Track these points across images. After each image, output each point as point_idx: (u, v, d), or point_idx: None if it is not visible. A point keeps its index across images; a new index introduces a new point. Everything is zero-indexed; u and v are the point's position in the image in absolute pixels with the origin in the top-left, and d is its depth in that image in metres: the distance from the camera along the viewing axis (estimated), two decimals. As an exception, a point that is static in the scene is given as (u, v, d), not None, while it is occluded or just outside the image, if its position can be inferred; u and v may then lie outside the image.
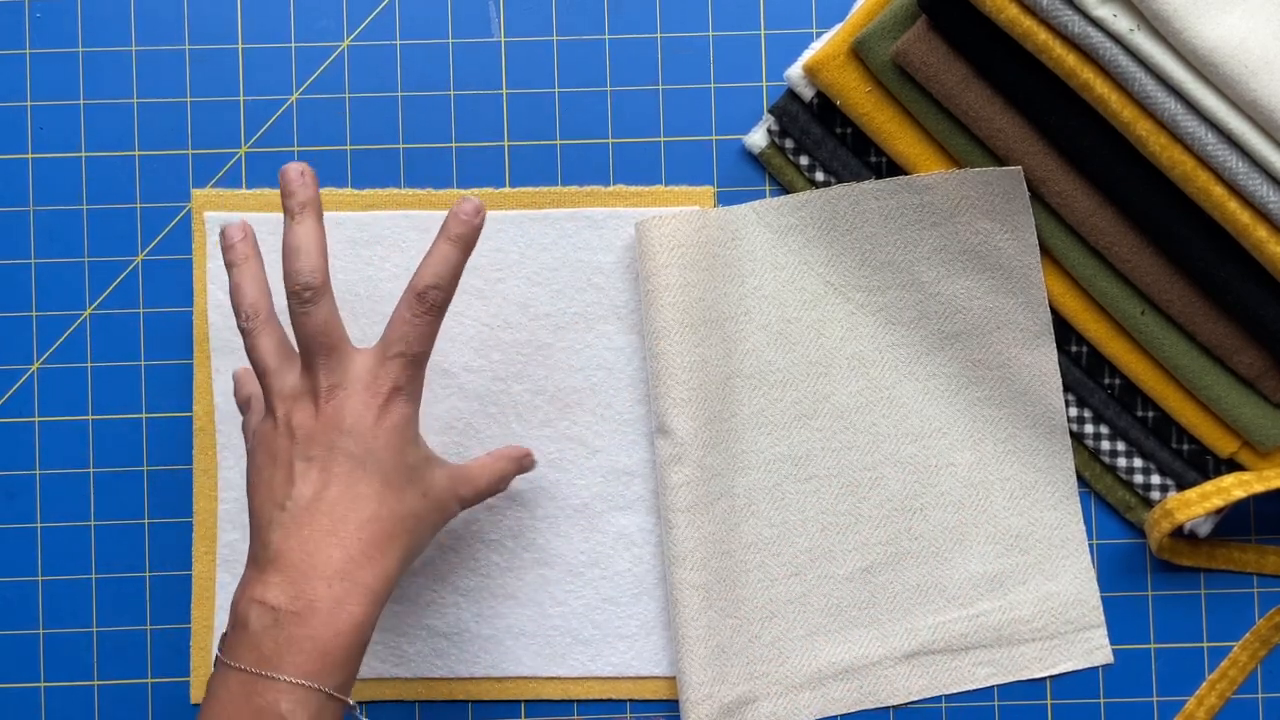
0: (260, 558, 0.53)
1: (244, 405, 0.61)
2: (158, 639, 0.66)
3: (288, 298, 0.54)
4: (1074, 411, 0.65)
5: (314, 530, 0.53)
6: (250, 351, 0.56)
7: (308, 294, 0.54)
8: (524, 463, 0.62)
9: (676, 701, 0.65)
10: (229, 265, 0.57)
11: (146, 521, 0.66)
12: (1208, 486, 0.62)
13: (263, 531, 0.53)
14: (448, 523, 0.58)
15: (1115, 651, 0.66)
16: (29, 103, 0.66)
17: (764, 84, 0.66)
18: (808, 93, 0.64)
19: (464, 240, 0.55)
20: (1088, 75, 0.57)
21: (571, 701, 0.66)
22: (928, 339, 0.65)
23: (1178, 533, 0.65)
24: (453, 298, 0.56)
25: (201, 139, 0.66)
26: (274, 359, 0.55)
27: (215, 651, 0.54)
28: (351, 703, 0.53)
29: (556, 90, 0.66)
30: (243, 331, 0.56)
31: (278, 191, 0.65)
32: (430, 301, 0.55)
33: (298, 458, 0.54)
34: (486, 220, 0.65)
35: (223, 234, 0.57)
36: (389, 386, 0.54)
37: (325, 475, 0.53)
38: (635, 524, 0.65)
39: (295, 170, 0.55)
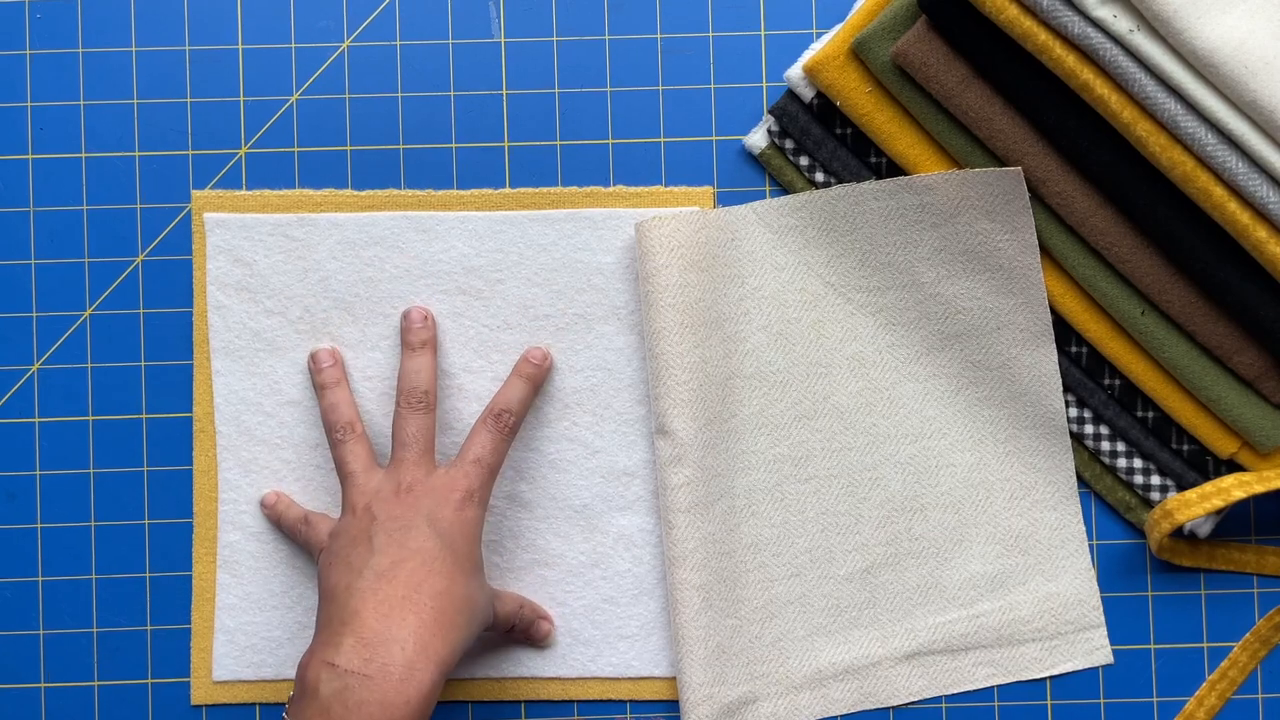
0: (333, 619, 0.54)
1: (298, 524, 0.63)
2: (158, 639, 0.66)
3: (401, 404, 0.61)
4: (1074, 412, 0.65)
5: (390, 595, 0.54)
6: (342, 456, 0.61)
7: (420, 404, 0.61)
8: (540, 627, 0.64)
9: (677, 702, 0.65)
10: (321, 387, 0.64)
11: (146, 521, 0.66)
12: (1208, 487, 0.62)
13: (338, 596, 0.55)
14: (479, 633, 0.59)
15: (1115, 652, 0.66)
16: (29, 103, 0.66)
17: (764, 84, 0.66)
18: (808, 93, 0.64)
19: (533, 380, 0.63)
20: (1087, 76, 0.57)
21: (571, 702, 0.66)
22: (928, 339, 0.65)
23: (1178, 533, 0.65)
24: (522, 422, 0.63)
25: (201, 139, 0.66)
26: (362, 464, 0.61)
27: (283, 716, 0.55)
28: None
29: (556, 90, 0.66)
30: (335, 442, 0.62)
31: (278, 192, 0.66)
32: (504, 423, 0.62)
33: (377, 533, 0.57)
34: (487, 221, 0.65)
35: (314, 357, 0.64)
36: (464, 487, 0.59)
37: (403, 549, 0.56)
38: (635, 524, 0.66)
39: (419, 315, 0.64)
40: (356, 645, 0.53)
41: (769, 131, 0.65)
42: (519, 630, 0.63)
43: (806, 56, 0.64)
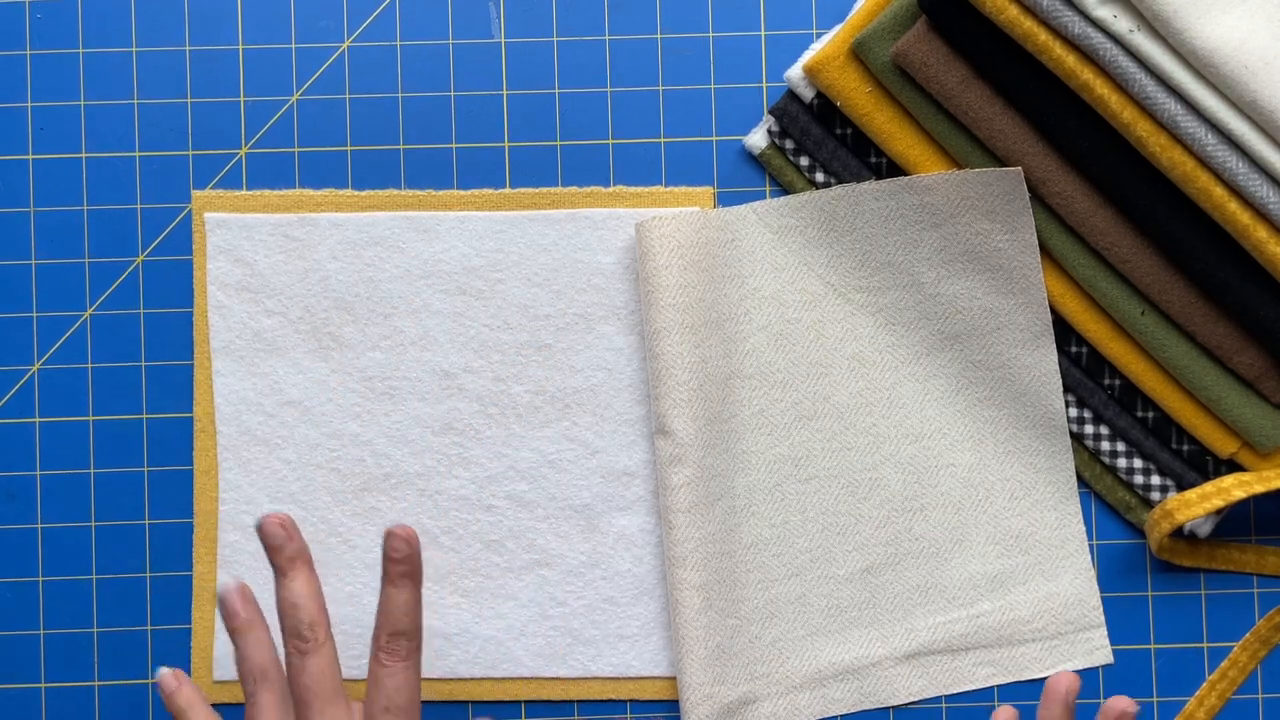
0: None
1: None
2: (158, 639, 0.66)
3: (286, 650, 0.55)
4: (1074, 412, 0.65)
5: None
6: (252, 709, 0.55)
7: (306, 646, 0.54)
8: None
9: (676, 702, 0.65)
10: (234, 632, 0.56)
11: (146, 521, 0.66)
12: (1208, 487, 0.62)
13: None
14: None
15: (1115, 652, 0.66)
16: (29, 103, 0.66)
17: (764, 85, 0.66)
18: (808, 93, 0.64)
19: (409, 576, 0.55)
20: (1087, 76, 0.57)
21: (571, 702, 0.66)
22: (928, 339, 0.66)
23: (1178, 533, 0.65)
24: (422, 638, 0.56)
25: (201, 139, 0.66)
26: (275, 716, 0.55)
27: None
28: None
29: (556, 90, 0.66)
30: (247, 693, 0.56)
31: (278, 192, 0.66)
32: (399, 651, 0.55)
33: None
34: (487, 221, 0.65)
35: (223, 602, 0.56)
36: None
37: None
38: (635, 524, 0.66)
39: (274, 524, 0.55)
40: None
41: (769, 131, 0.65)
42: None
43: (806, 57, 0.64)
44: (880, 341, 0.66)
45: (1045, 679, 0.66)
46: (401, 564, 0.55)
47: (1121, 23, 0.55)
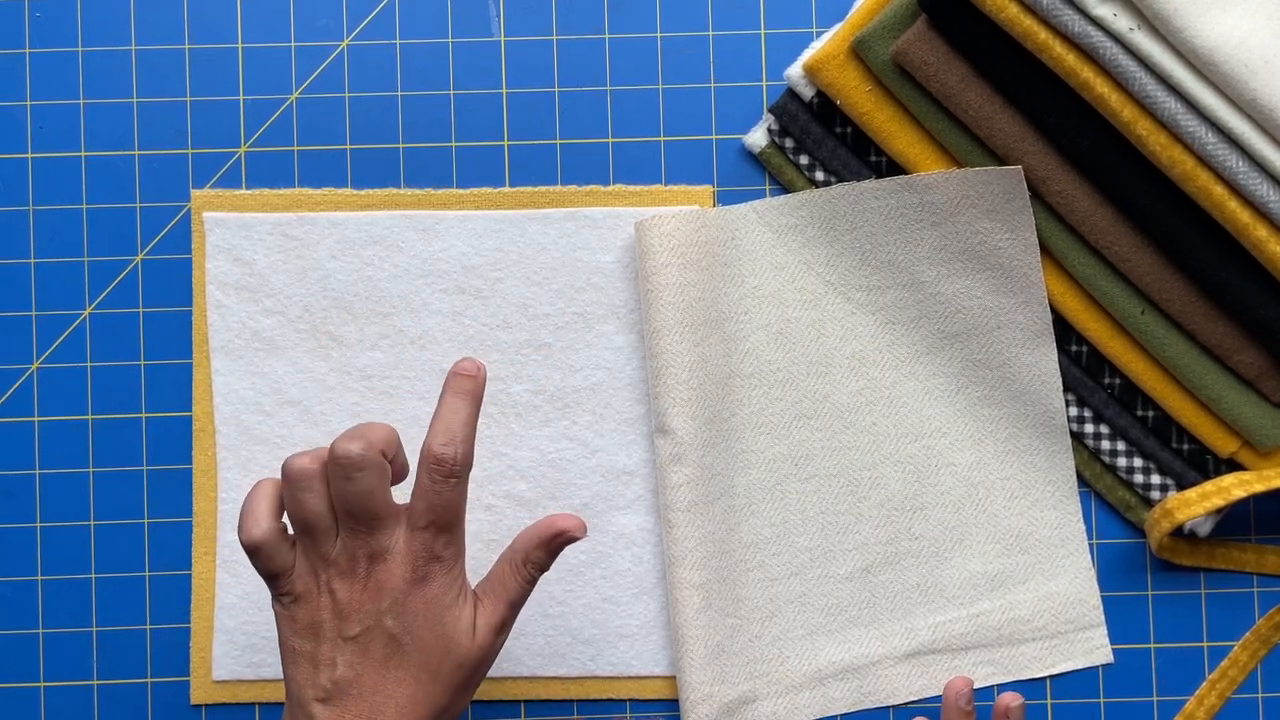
0: None
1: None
2: (158, 639, 0.66)
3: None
4: (1074, 411, 0.65)
5: (354, 717, 0.52)
6: (299, 508, 0.53)
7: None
8: (554, 544, 0.56)
9: (676, 701, 0.65)
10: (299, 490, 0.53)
11: (146, 521, 0.66)
12: (1208, 486, 0.62)
13: (305, 705, 0.53)
14: (495, 661, 0.57)
15: (1115, 651, 0.66)
16: (29, 103, 0.66)
17: (764, 83, 0.66)
18: (808, 92, 0.64)
19: (471, 395, 0.54)
20: (1087, 74, 0.57)
21: (571, 701, 0.66)
22: (928, 338, 0.65)
23: (1178, 532, 0.64)
24: (473, 458, 0.53)
25: (201, 139, 0.66)
26: (325, 520, 0.53)
27: None
28: None
29: (556, 90, 0.66)
30: (291, 492, 0.53)
31: (277, 192, 0.66)
32: (446, 470, 0.52)
33: (339, 635, 0.53)
34: (487, 220, 0.65)
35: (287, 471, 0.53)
36: (425, 558, 0.53)
37: (364, 659, 0.52)
38: (635, 523, 0.66)
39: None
40: None
41: (769, 130, 0.65)
42: (549, 561, 0.57)
43: (806, 55, 0.64)
44: (880, 340, 0.66)
45: (1044, 679, 0.66)
46: (465, 381, 0.54)
47: (1121, 21, 0.55)
